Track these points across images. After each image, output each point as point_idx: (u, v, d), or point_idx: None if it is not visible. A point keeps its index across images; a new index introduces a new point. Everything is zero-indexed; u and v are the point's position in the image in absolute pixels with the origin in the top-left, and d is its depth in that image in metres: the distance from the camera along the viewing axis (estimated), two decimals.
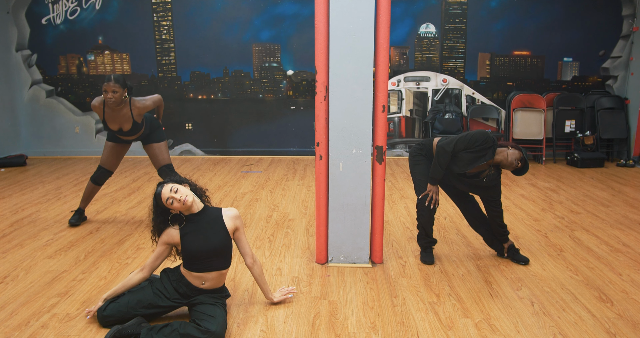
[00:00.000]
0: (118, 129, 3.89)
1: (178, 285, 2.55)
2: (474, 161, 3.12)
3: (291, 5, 6.85)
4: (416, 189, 3.39)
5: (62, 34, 6.99)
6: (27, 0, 6.91)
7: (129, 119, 3.85)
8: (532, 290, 2.98)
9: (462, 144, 3.11)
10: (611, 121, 6.75)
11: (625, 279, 3.14)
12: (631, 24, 6.76)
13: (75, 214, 4.20)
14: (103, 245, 3.72)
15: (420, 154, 3.40)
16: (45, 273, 3.24)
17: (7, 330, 2.54)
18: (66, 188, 5.40)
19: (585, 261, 3.42)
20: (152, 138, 4.07)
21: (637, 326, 2.58)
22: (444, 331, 2.53)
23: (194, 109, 7.19)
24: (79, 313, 2.71)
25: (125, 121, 3.85)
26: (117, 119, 3.84)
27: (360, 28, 3.07)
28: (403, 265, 3.36)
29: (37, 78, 7.14)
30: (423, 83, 7.00)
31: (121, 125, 3.86)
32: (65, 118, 7.22)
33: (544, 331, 2.53)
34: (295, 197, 5.06)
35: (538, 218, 4.35)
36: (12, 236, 3.92)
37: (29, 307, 2.78)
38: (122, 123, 3.85)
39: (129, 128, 3.87)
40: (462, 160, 3.13)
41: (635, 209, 4.61)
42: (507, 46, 6.88)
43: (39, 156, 7.22)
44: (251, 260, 2.68)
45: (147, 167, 6.43)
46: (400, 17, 6.82)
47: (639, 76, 6.66)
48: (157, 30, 6.96)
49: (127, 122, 3.86)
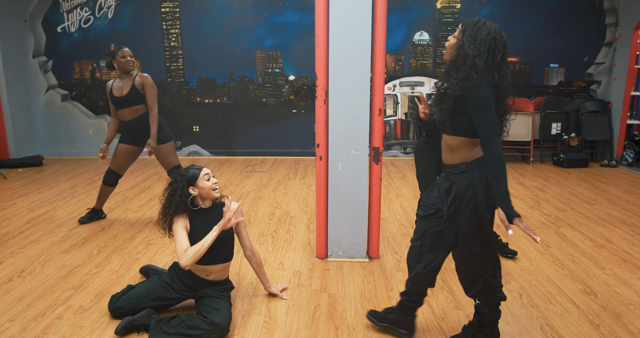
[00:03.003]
0: (119, 96, 3.88)
1: (185, 277, 2.55)
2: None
3: (293, 14, 6.85)
4: (421, 187, 3.18)
5: (76, 41, 6.99)
6: (44, 9, 6.91)
7: (130, 84, 3.89)
8: (521, 283, 2.98)
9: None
10: (595, 124, 6.75)
11: (609, 273, 3.14)
12: (614, 32, 6.76)
13: (88, 213, 4.20)
14: (115, 241, 3.72)
15: (427, 148, 3.10)
16: (60, 267, 3.24)
17: (24, 321, 2.54)
18: (80, 187, 5.40)
19: (571, 256, 3.43)
20: (158, 140, 3.99)
21: (620, 317, 2.58)
22: (437, 322, 2.53)
23: (201, 112, 7.18)
24: (93, 305, 2.71)
25: (127, 86, 3.89)
26: (122, 85, 3.89)
27: (358, 36, 3.07)
28: (398, 259, 3.36)
29: (52, 83, 7.14)
30: (417, 88, 7.00)
31: (123, 90, 3.89)
32: (79, 121, 7.22)
33: (531, 322, 2.53)
34: (296, 195, 5.06)
35: (526, 215, 4.35)
36: (29, 232, 3.92)
37: (45, 299, 2.78)
38: (123, 88, 3.89)
39: (127, 92, 3.87)
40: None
41: (618, 207, 4.61)
42: None
43: (54, 157, 7.22)
44: (250, 252, 2.69)
45: (156, 167, 6.43)
46: (396, 25, 6.82)
47: (621, 81, 6.66)
48: (166, 38, 6.96)
49: (127, 87, 3.89)
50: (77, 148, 7.26)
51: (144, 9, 6.88)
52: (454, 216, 2.02)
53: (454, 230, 2.04)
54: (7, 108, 6.57)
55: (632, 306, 2.70)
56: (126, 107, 3.90)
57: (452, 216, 2.03)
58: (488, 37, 1.91)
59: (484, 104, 1.89)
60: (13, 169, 6.34)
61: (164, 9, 6.87)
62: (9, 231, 3.94)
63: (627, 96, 6.60)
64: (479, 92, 1.88)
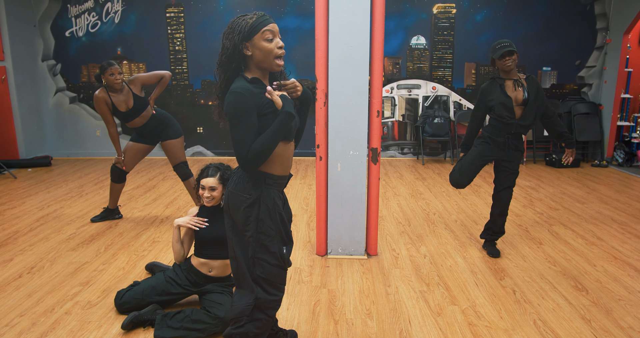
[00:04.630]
0: (126, 110, 3.80)
1: (188, 273, 2.55)
2: (498, 93, 3.14)
3: (294, 19, 6.84)
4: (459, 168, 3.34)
5: (84, 45, 6.99)
6: (52, 14, 6.91)
7: (130, 95, 3.79)
8: (514, 280, 2.98)
9: (478, 103, 3.25)
10: (586, 125, 6.74)
11: (599, 270, 3.14)
12: (605, 36, 6.76)
13: (101, 212, 4.17)
14: (121, 239, 3.72)
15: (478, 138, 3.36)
16: (68, 264, 3.24)
17: (34, 316, 2.54)
18: (88, 187, 5.40)
19: (563, 253, 3.42)
20: (169, 135, 3.97)
21: (610, 312, 2.58)
22: (434, 317, 2.53)
23: (204, 114, 7.18)
24: (100, 300, 2.71)
25: (129, 98, 3.79)
26: (122, 100, 3.78)
27: (357, 40, 3.07)
28: (396, 256, 3.36)
29: (61, 86, 7.13)
30: (414, 90, 7.00)
31: (127, 104, 3.79)
32: (87, 122, 7.21)
33: (524, 317, 2.53)
34: (297, 194, 5.06)
35: (519, 213, 4.35)
36: (38, 230, 3.92)
37: (54, 295, 2.78)
38: (127, 101, 3.79)
39: (132, 104, 3.78)
40: (493, 100, 3.16)
41: (609, 206, 4.61)
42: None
43: (62, 157, 7.22)
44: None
45: (162, 167, 6.43)
46: (393, 30, 6.82)
47: (611, 83, 6.65)
48: (171, 42, 6.96)
49: (130, 98, 3.79)
50: (84, 149, 7.26)
51: (149, 14, 6.88)
52: None
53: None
54: (17, 110, 6.57)
55: (622, 302, 2.70)
56: (136, 117, 3.86)
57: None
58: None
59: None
60: (23, 169, 6.34)
61: (169, 14, 6.87)
62: (19, 229, 3.94)
63: (617, 98, 6.59)
64: None
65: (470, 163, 3.27)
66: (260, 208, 1.79)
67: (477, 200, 4.79)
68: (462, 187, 3.37)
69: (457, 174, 3.33)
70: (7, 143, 6.56)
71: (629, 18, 6.31)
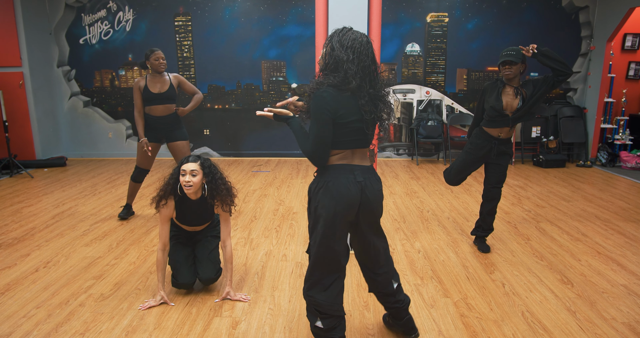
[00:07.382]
0: (158, 92, 3.89)
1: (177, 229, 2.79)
2: (494, 96, 3.14)
3: (295, 27, 6.84)
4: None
5: (97, 52, 6.99)
6: (67, 23, 6.91)
7: (167, 82, 3.93)
8: (503, 274, 2.98)
9: (479, 99, 3.27)
10: (572, 128, 6.74)
11: (584, 264, 3.14)
12: (589, 43, 6.76)
13: (124, 209, 4.18)
14: (132, 235, 3.72)
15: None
16: (82, 258, 3.24)
17: (50, 308, 2.54)
18: (101, 186, 5.40)
19: (549, 248, 3.42)
20: (177, 136, 4.04)
21: (594, 305, 2.58)
22: (427, 309, 2.53)
23: (211, 117, 7.18)
24: (112, 293, 2.71)
25: (165, 83, 3.92)
26: (157, 83, 3.91)
27: None
28: (392, 252, 3.35)
29: (75, 90, 7.13)
30: (409, 95, 7.00)
31: (160, 88, 3.91)
32: (100, 125, 7.21)
33: (513, 309, 2.53)
34: (298, 193, 5.06)
35: (508, 211, 4.35)
36: (54, 227, 3.93)
37: (69, 288, 2.78)
38: (161, 85, 3.91)
39: (166, 89, 3.90)
40: (487, 102, 3.17)
41: (593, 204, 4.61)
42: (482, 63, 6.88)
43: (77, 158, 7.22)
44: (222, 244, 2.60)
45: (170, 168, 6.42)
46: (389, 37, 6.82)
47: (595, 88, 6.65)
48: (179, 49, 6.95)
49: (165, 84, 3.92)
50: (98, 150, 7.26)
51: (159, 22, 6.88)
52: None
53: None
54: (34, 113, 6.57)
55: (606, 294, 2.70)
56: (160, 104, 3.92)
57: None
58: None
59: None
60: (39, 169, 6.34)
61: (177, 22, 6.87)
62: (36, 226, 3.94)
63: (600, 102, 6.59)
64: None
65: (463, 164, 3.31)
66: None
67: (469, 198, 4.79)
68: (455, 185, 3.45)
69: (452, 174, 3.41)
70: (24, 145, 6.56)
71: (612, 26, 6.31)
